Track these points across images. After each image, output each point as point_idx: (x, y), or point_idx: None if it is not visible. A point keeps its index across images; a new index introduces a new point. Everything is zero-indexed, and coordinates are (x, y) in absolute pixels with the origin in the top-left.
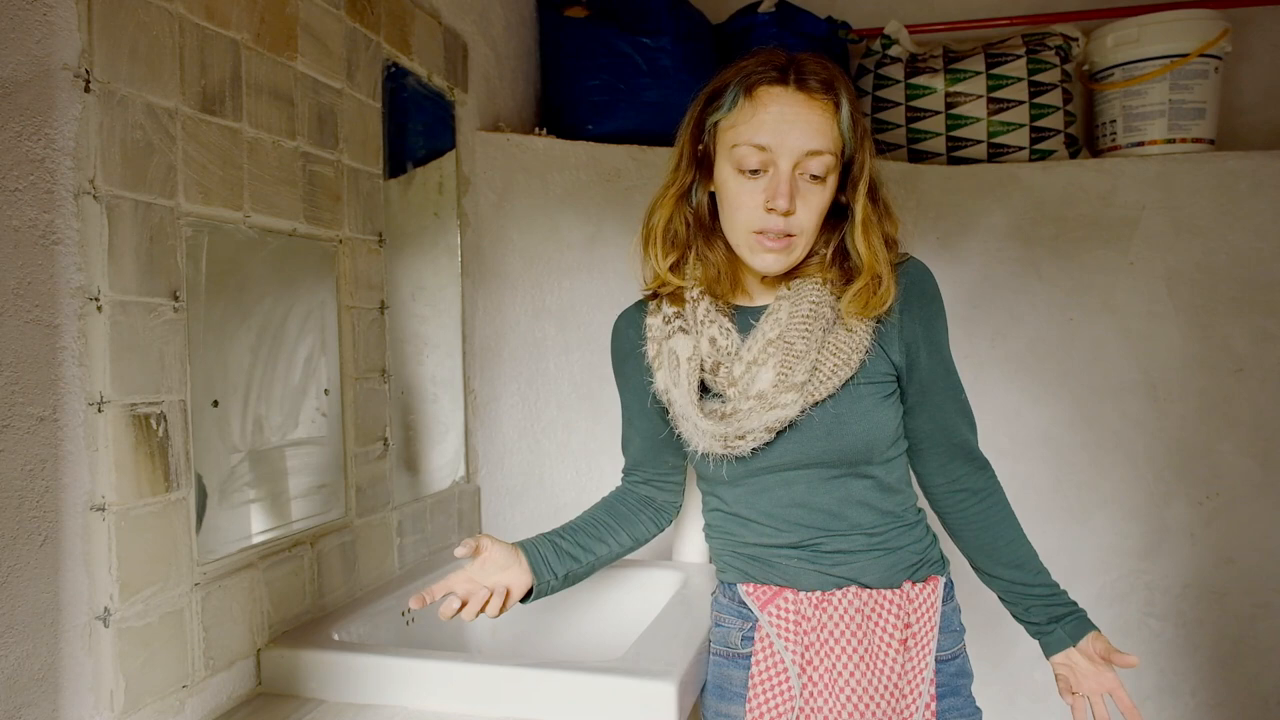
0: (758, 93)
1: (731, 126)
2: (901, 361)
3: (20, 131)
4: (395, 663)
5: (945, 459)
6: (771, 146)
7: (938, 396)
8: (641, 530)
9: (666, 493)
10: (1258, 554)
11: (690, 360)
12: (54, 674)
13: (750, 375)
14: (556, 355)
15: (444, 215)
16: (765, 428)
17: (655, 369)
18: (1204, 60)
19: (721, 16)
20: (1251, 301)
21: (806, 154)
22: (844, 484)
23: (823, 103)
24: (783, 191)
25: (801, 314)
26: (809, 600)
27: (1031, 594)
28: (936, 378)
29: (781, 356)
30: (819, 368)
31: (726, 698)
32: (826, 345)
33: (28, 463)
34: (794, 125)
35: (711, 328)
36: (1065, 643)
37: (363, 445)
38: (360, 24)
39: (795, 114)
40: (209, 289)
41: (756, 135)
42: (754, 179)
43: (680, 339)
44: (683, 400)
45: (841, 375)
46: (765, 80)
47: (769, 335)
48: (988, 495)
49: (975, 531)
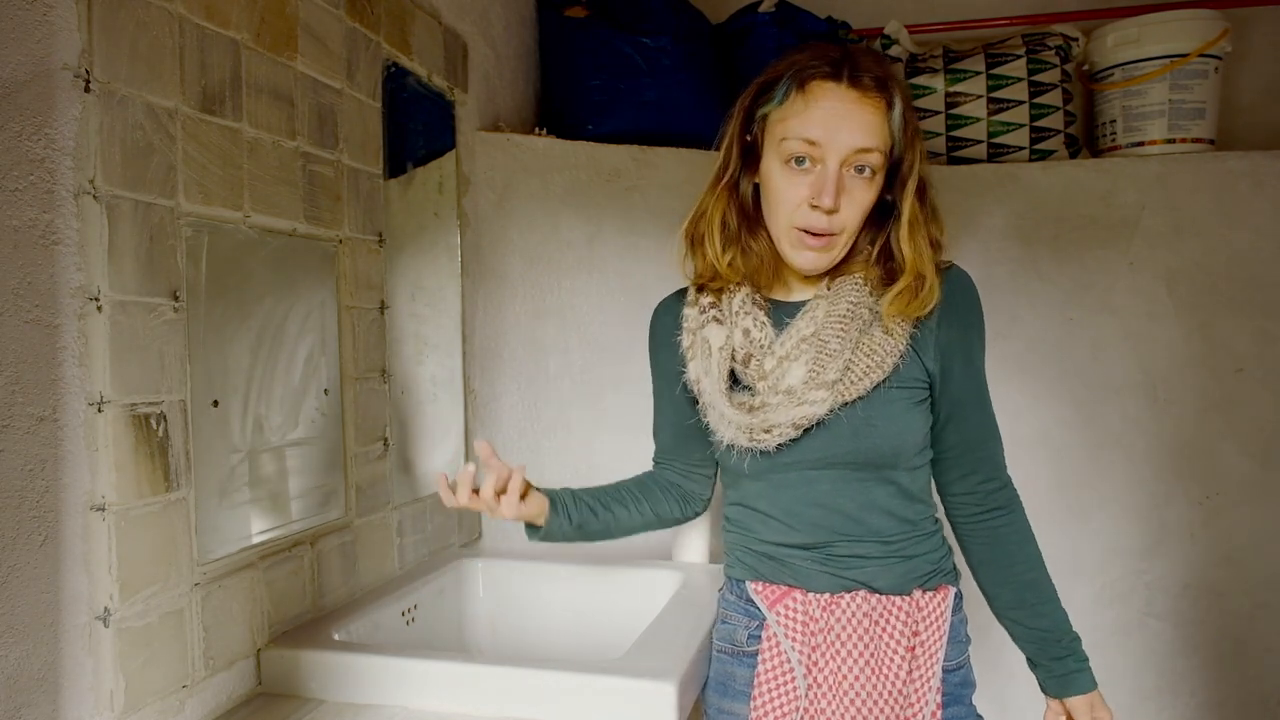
0: (810, 87)
1: (782, 120)
2: (935, 370)
3: (20, 131)
4: (395, 663)
5: (967, 470)
6: (821, 141)
7: (967, 409)
8: (665, 509)
9: (694, 483)
10: (1258, 554)
11: (722, 350)
12: (54, 674)
13: (781, 370)
14: (556, 355)
15: (444, 215)
16: (792, 424)
17: (689, 359)
18: (1204, 60)
19: (721, 16)
20: (1251, 301)
21: (855, 151)
22: (866, 488)
23: (875, 100)
24: (829, 190)
25: (839, 313)
26: (818, 602)
27: (1033, 627)
28: (968, 391)
29: (814, 354)
30: (851, 368)
31: (730, 695)
32: (861, 346)
33: (28, 463)
34: (845, 121)
35: (746, 319)
36: (1053, 688)
37: (363, 445)
38: (360, 24)
39: (847, 110)
40: (209, 289)
41: (807, 130)
42: (801, 173)
43: (713, 328)
44: (711, 389)
45: (874, 377)
46: (819, 75)
47: (804, 332)
48: (1004, 514)
49: (983, 546)
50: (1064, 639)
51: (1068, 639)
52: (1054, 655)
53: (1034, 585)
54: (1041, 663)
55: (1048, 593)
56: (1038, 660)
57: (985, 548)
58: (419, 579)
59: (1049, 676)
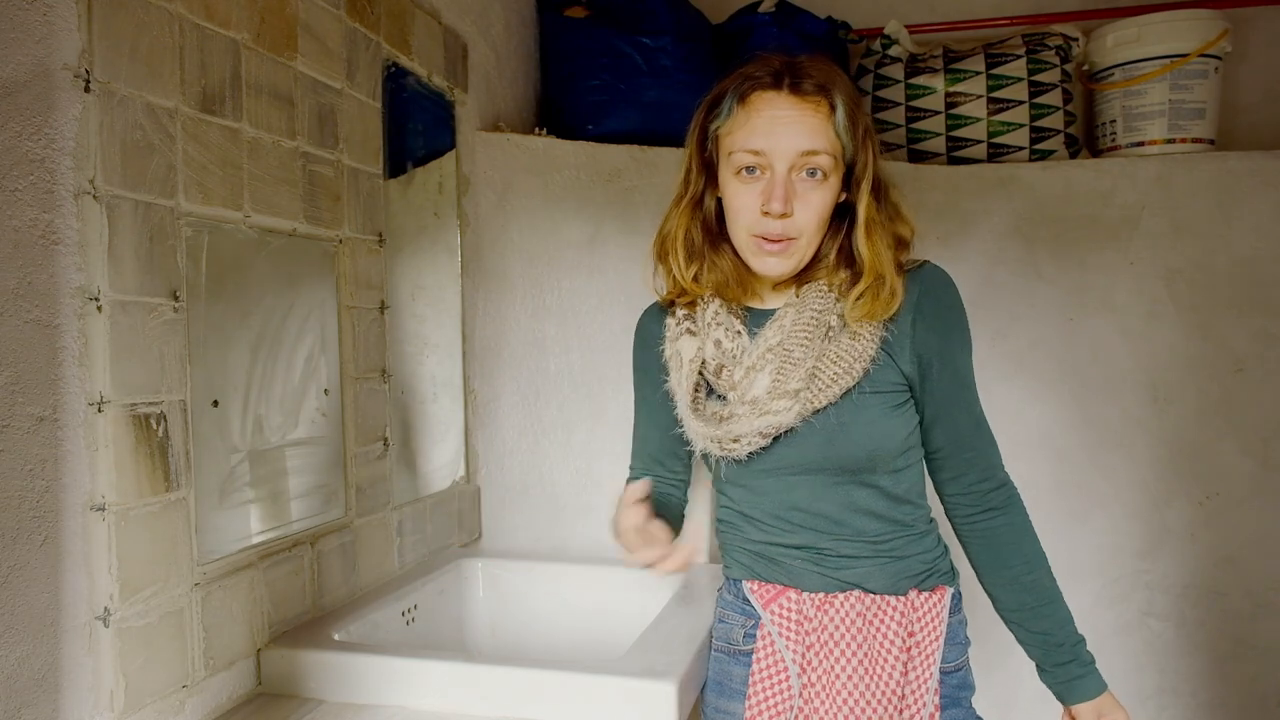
0: (751, 99)
1: (729, 133)
2: (913, 372)
3: (20, 131)
4: (395, 663)
5: (959, 471)
6: (765, 150)
7: (953, 410)
8: None
9: (675, 489)
10: (1258, 554)
11: (692, 362)
12: (54, 674)
13: (749, 380)
14: (556, 355)
15: (444, 215)
16: (758, 433)
17: (671, 369)
18: (1204, 60)
19: (721, 16)
20: (1251, 301)
21: (801, 154)
22: (846, 491)
23: (815, 104)
24: (777, 195)
25: (804, 321)
26: (812, 601)
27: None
28: (949, 392)
29: (779, 363)
30: (818, 375)
31: (726, 694)
32: (827, 354)
33: (28, 463)
34: (786, 128)
35: (718, 330)
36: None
37: (363, 445)
38: (360, 24)
39: (788, 117)
40: (209, 289)
41: (750, 140)
42: (752, 183)
43: (686, 340)
44: (681, 401)
45: (842, 384)
46: (759, 86)
47: (770, 342)
48: (1000, 514)
49: (980, 547)
50: (1066, 643)
51: (1070, 643)
52: (1056, 661)
53: (1033, 587)
54: (1046, 668)
55: (1048, 595)
56: (1043, 665)
57: (982, 548)
58: (419, 579)
59: (1054, 683)
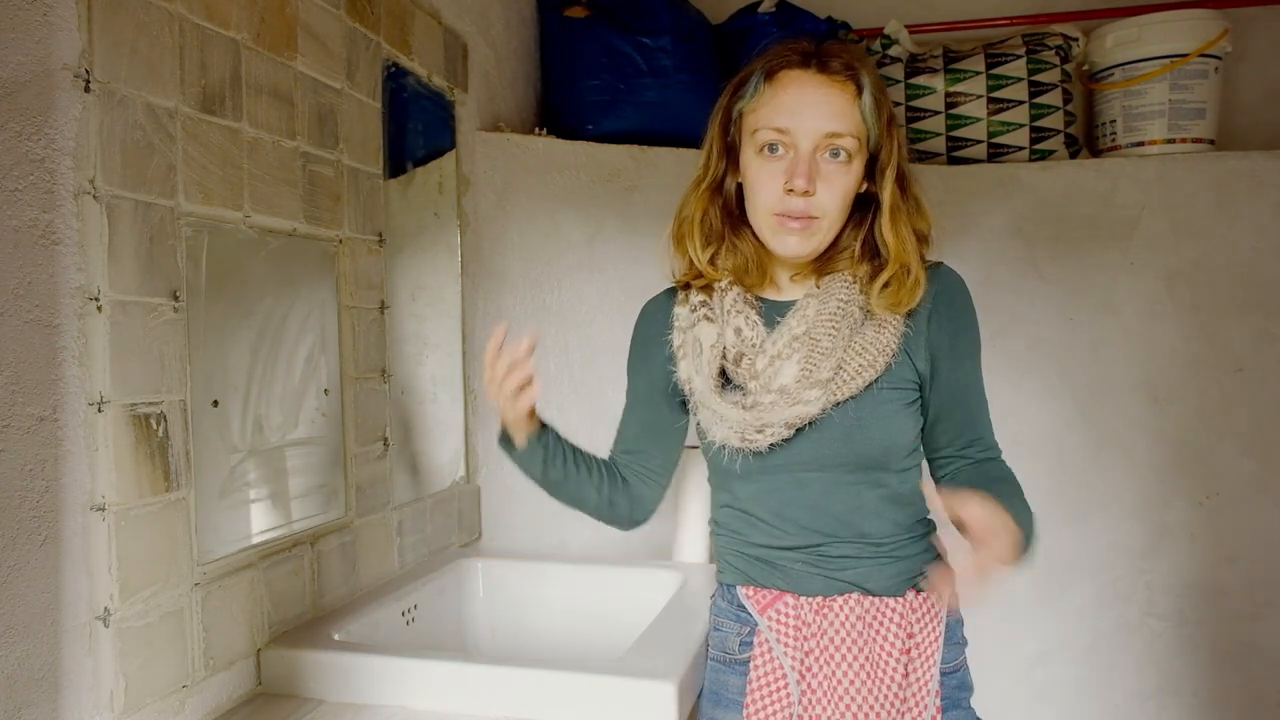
0: (779, 76)
1: (754, 111)
2: (925, 370)
3: (20, 131)
4: (395, 663)
5: (957, 469)
6: (790, 128)
7: (957, 413)
8: (618, 499)
9: (646, 486)
10: (1258, 554)
11: (713, 348)
12: (54, 674)
13: (773, 369)
14: (556, 355)
15: (444, 215)
16: (785, 423)
17: (680, 358)
18: (1204, 60)
19: (721, 16)
20: (1251, 301)
21: (826, 135)
22: (857, 491)
23: (843, 84)
24: (801, 171)
25: (829, 311)
26: (810, 605)
27: None
28: (956, 393)
29: (806, 352)
30: (844, 366)
31: (723, 705)
32: (853, 345)
33: (28, 463)
34: (813, 106)
35: (737, 318)
36: None
37: (363, 445)
38: (360, 24)
39: (815, 95)
40: (209, 289)
41: (775, 118)
42: (775, 161)
43: (705, 326)
44: (703, 387)
45: (866, 376)
46: (787, 65)
47: (795, 331)
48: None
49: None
50: None
51: None
52: None
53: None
54: None
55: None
56: None
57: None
58: (419, 579)
59: None
